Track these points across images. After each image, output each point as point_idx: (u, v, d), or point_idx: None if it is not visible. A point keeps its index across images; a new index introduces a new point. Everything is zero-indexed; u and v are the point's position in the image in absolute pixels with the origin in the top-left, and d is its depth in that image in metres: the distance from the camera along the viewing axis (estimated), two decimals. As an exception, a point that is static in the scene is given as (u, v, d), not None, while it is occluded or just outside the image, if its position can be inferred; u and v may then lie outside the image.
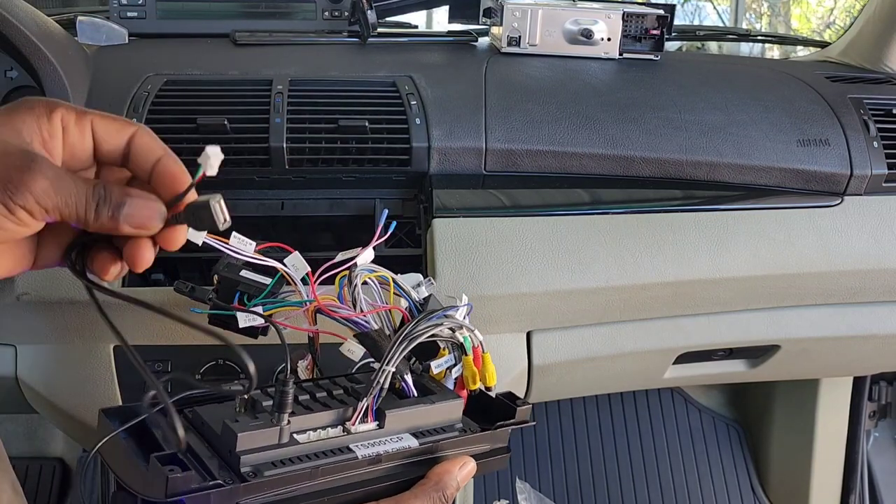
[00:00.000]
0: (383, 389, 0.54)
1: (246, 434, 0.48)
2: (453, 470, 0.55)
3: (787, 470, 1.55)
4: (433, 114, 0.89)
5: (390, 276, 0.59)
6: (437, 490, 0.54)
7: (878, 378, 1.53)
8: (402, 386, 0.57)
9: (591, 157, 0.91)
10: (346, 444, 0.53)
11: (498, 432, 0.59)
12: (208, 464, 0.49)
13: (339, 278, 0.57)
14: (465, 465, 0.56)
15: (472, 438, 0.57)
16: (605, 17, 1.03)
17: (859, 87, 1.06)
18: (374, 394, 0.54)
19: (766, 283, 0.95)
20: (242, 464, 0.48)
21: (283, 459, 0.50)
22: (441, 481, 0.54)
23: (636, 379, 1.14)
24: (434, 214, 0.87)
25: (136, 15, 1.03)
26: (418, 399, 0.57)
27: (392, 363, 0.55)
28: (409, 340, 0.56)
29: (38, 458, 1.40)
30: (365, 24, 1.02)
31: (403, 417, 0.55)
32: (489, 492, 1.51)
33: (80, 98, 0.85)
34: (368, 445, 0.53)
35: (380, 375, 0.54)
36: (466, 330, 0.59)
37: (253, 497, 0.48)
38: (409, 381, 0.58)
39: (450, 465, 0.55)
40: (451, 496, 0.54)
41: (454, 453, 0.57)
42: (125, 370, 0.83)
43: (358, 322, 0.57)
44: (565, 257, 0.88)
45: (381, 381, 0.54)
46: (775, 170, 0.94)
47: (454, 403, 0.58)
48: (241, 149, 0.85)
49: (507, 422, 0.59)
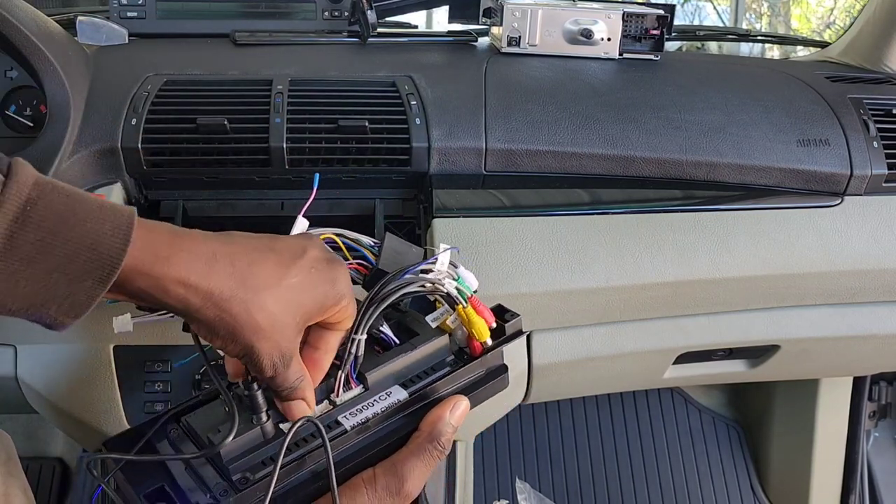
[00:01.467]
0: (358, 358, 0.53)
1: (229, 448, 0.48)
2: (444, 415, 0.53)
3: (787, 470, 1.55)
4: (433, 114, 0.89)
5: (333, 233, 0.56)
6: (430, 440, 0.52)
7: (878, 378, 1.53)
8: (382, 337, 0.56)
9: (591, 157, 0.91)
10: (334, 417, 0.52)
11: (490, 355, 0.56)
12: (203, 474, 0.49)
13: None
14: (457, 406, 0.54)
15: (463, 371, 0.55)
16: (605, 17, 1.03)
17: (859, 87, 1.06)
18: (350, 363, 0.53)
19: (767, 283, 0.95)
20: (232, 472, 0.48)
21: (273, 455, 0.49)
22: (434, 430, 0.53)
23: (636, 379, 1.14)
24: (434, 214, 0.87)
25: (136, 15, 1.03)
26: (400, 348, 0.55)
27: (361, 331, 0.53)
28: (378, 304, 0.53)
29: (38, 458, 1.40)
30: (365, 24, 1.02)
31: (387, 372, 0.54)
32: (489, 492, 1.51)
33: (80, 98, 0.85)
34: (356, 413, 0.52)
35: (351, 345, 0.52)
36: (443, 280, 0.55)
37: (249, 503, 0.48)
38: (388, 331, 0.56)
39: (440, 410, 0.53)
40: (448, 441, 0.53)
41: (448, 391, 0.55)
42: (125, 370, 0.83)
43: None
44: (565, 257, 0.88)
45: (354, 351, 0.53)
46: (775, 170, 0.94)
47: (439, 340, 0.56)
48: (241, 149, 0.85)
49: (498, 340, 0.57)
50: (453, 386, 0.55)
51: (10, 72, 0.91)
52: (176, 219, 0.87)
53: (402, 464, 0.51)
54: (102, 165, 0.84)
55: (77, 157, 0.82)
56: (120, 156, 0.84)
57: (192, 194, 0.89)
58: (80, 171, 0.83)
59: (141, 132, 0.83)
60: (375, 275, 0.55)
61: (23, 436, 1.40)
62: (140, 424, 0.53)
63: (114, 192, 0.84)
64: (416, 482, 0.51)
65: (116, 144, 0.83)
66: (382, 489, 0.50)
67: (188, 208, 0.88)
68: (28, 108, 0.92)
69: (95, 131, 0.84)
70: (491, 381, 0.57)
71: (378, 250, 0.56)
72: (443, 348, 0.57)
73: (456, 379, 0.55)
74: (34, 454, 1.40)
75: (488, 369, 0.57)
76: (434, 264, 0.56)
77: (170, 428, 0.53)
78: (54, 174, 0.81)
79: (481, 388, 0.56)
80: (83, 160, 0.83)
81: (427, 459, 0.52)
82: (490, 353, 0.57)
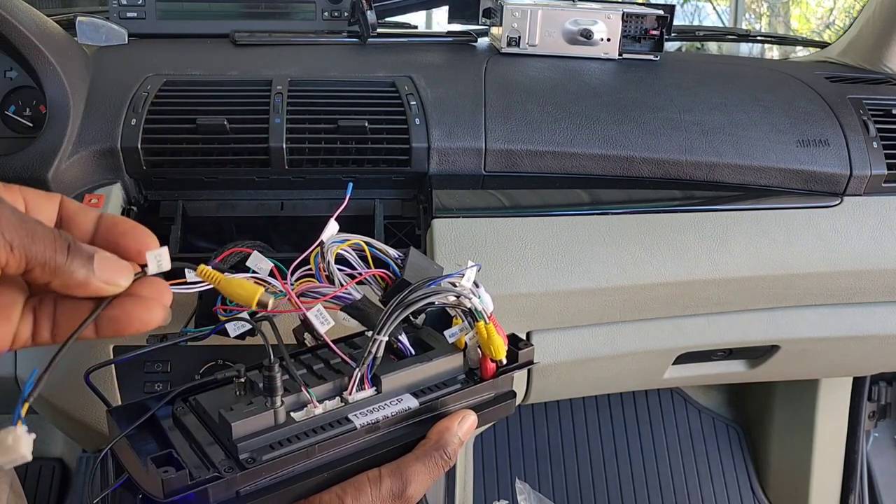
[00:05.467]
0: (376, 358, 0.54)
1: (240, 422, 0.49)
2: (452, 426, 0.54)
3: (787, 470, 1.55)
4: (433, 114, 0.89)
5: (363, 240, 0.57)
6: (437, 448, 0.53)
7: (877, 378, 1.53)
8: (399, 346, 0.57)
9: (591, 158, 0.91)
10: (345, 414, 0.53)
11: (500, 379, 0.58)
12: (209, 452, 0.49)
13: (313, 258, 0.56)
14: (465, 420, 0.55)
15: (473, 390, 0.57)
16: (605, 17, 1.03)
17: (859, 88, 1.06)
18: (368, 363, 0.53)
19: (766, 284, 0.95)
20: (240, 450, 0.48)
21: (282, 440, 0.50)
22: (441, 439, 0.54)
23: (636, 379, 1.14)
24: (434, 215, 0.87)
25: (136, 15, 1.04)
26: (415, 358, 0.57)
27: (384, 332, 0.53)
28: (403, 308, 0.54)
29: (37, 458, 1.40)
30: (364, 25, 1.02)
31: (401, 379, 0.55)
32: (489, 492, 1.51)
33: (80, 98, 0.85)
34: (367, 413, 0.53)
35: (372, 345, 0.53)
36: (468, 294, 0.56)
37: (253, 482, 0.48)
38: (405, 340, 0.57)
39: (449, 421, 0.55)
40: (454, 452, 0.54)
41: (457, 407, 0.56)
42: (125, 370, 0.83)
43: (340, 297, 0.56)
44: (565, 258, 0.88)
45: (374, 351, 0.53)
46: (775, 170, 0.94)
47: (453, 357, 0.57)
48: (241, 149, 0.85)
49: (510, 366, 0.58)
50: (463, 403, 0.57)
51: (9, 72, 0.91)
52: (176, 219, 0.87)
53: (407, 468, 0.52)
54: (102, 166, 0.84)
55: (76, 157, 0.82)
56: (119, 156, 0.84)
57: (192, 194, 0.89)
58: (79, 172, 0.83)
59: (140, 132, 0.83)
60: (399, 285, 0.57)
61: (22, 436, 1.40)
62: (143, 399, 0.53)
63: (113, 192, 0.84)
64: (419, 487, 0.52)
65: (116, 145, 0.83)
66: (386, 490, 0.51)
67: (188, 208, 0.88)
68: (28, 109, 0.92)
69: (95, 132, 0.84)
70: (499, 405, 0.58)
71: (402, 262, 0.58)
72: (457, 365, 0.58)
73: (466, 396, 0.57)
74: (34, 454, 1.40)
75: (497, 393, 0.58)
76: (461, 279, 0.57)
77: (176, 406, 0.54)
78: (54, 174, 0.81)
79: (489, 409, 0.58)
80: (83, 160, 0.83)
81: (432, 467, 0.53)
82: (501, 376, 0.58)
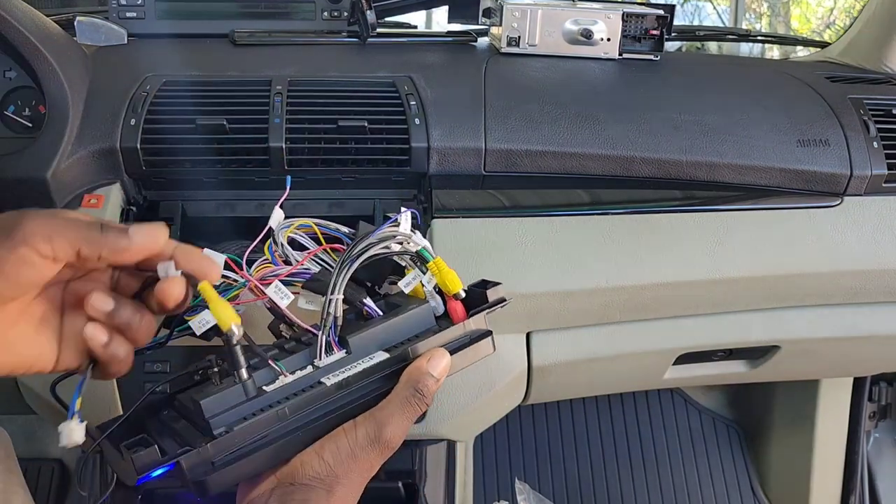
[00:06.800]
0: (337, 318, 0.54)
1: (209, 399, 0.49)
2: (422, 364, 0.54)
3: (787, 471, 1.55)
4: (432, 114, 0.89)
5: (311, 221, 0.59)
6: (407, 388, 0.53)
7: (878, 379, 1.53)
8: (367, 310, 0.57)
9: (591, 158, 0.91)
10: (317, 378, 0.53)
11: (472, 320, 0.58)
12: (189, 437, 0.50)
13: (266, 247, 0.58)
14: (436, 357, 0.55)
15: (442, 335, 0.57)
16: (605, 17, 1.03)
17: (859, 88, 1.06)
18: (330, 324, 0.54)
19: (766, 284, 0.95)
20: (214, 426, 0.49)
21: (255, 411, 0.51)
22: (411, 378, 0.54)
23: (636, 380, 1.14)
24: (433, 215, 0.87)
25: (136, 15, 1.03)
26: (383, 317, 0.57)
27: (338, 290, 0.54)
28: (350, 263, 0.55)
29: (37, 458, 1.40)
30: (364, 25, 1.02)
31: (370, 337, 0.55)
32: (489, 492, 1.51)
33: (79, 98, 0.85)
34: (338, 374, 0.53)
35: (328, 305, 0.54)
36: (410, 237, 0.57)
37: (228, 452, 0.49)
38: (371, 303, 0.57)
39: (419, 361, 0.55)
40: (429, 391, 0.54)
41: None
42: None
43: (297, 273, 0.57)
44: (565, 258, 0.88)
45: (332, 311, 0.54)
46: (775, 170, 0.94)
47: (421, 309, 0.58)
48: (241, 149, 0.85)
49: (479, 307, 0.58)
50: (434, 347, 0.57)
51: (8, 72, 0.91)
52: (175, 219, 0.87)
53: (380, 411, 0.53)
54: (101, 166, 0.84)
55: (76, 157, 0.82)
56: (119, 156, 0.83)
57: (192, 195, 0.89)
58: (78, 172, 0.83)
59: (140, 132, 0.83)
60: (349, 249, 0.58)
61: (22, 437, 1.40)
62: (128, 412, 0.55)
63: (113, 192, 0.84)
64: (396, 429, 0.53)
65: (115, 145, 0.83)
66: (363, 436, 0.52)
67: (187, 209, 0.88)
68: (27, 109, 0.91)
69: (94, 132, 0.83)
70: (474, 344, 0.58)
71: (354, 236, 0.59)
72: (426, 316, 0.58)
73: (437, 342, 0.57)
74: (33, 455, 1.40)
75: (471, 335, 0.59)
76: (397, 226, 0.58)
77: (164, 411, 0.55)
78: (53, 174, 0.81)
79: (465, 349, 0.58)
80: (82, 160, 0.83)
81: (406, 407, 0.53)
82: (472, 318, 0.58)
